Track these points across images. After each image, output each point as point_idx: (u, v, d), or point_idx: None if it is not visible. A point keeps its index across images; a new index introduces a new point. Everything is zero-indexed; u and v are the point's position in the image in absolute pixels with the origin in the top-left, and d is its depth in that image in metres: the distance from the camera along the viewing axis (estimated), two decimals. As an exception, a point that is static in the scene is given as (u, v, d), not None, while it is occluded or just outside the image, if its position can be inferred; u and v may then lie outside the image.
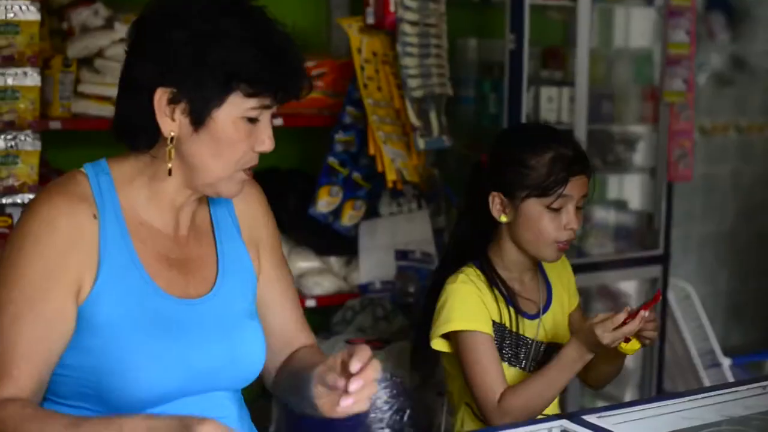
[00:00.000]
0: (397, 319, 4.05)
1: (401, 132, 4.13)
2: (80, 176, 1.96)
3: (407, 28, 4.05)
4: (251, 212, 2.17)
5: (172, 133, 1.91)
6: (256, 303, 2.12)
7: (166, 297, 1.95)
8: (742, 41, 6.56)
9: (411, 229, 4.28)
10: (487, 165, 2.74)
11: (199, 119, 1.90)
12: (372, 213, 4.29)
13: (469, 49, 4.88)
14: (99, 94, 3.80)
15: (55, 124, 3.70)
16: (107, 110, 3.78)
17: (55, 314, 1.85)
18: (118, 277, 1.91)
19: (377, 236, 4.28)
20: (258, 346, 2.06)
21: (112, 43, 3.78)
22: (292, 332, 2.21)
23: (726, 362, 5.44)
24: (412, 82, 4.04)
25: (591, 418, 2.27)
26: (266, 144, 1.96)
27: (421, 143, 4.08)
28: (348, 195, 4.23)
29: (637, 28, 5.38)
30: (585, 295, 5.03)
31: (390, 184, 4.08)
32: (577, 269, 4.78)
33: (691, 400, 2.42)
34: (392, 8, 4.04)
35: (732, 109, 6.63)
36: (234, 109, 1.90)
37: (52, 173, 3.79)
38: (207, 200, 2.10)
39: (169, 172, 1.93)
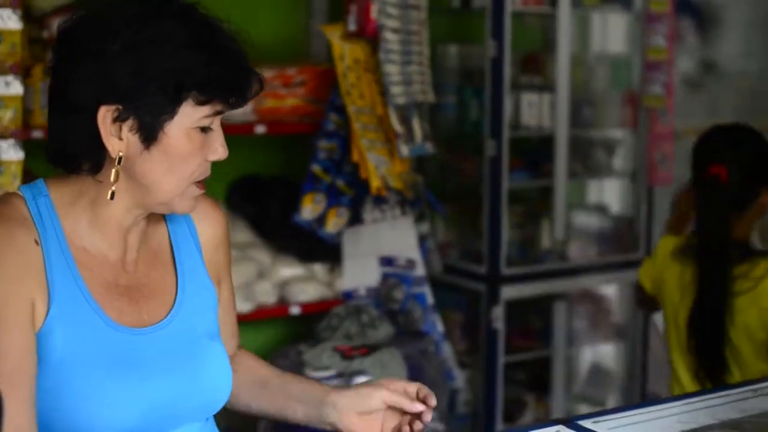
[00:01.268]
0: (383, 326, 4.04)
1: (384, 139, 4.12)
2: (16, 199, 1.79)
3: (389, 35, 4.05)
4: (214, 236, 2.00)
5: (121, 153, 1.74)
6: (217, 323, 1.97)
7: (119, 328, 1.80)
8: (711, 45, 6.59)
9: (395, 236, 4.28)
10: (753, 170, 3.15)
11: (150, 135, 1.73)
12: (355, 220, 4.29)
13: (449, 55, 4.89)
14: (80, 103, 3.77)
15: (37, 133, 3.67)
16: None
17: (23, 342, 1.70)
18: (68, 310, 1.75)
19: (361, 243, 4.28)
20: (223, 369, 1.92)
21: (94, 51, 3.75)
22: (225, 338, 2.02)
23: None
24: (395, 90, 4.04)
25: (587, 423, 2.25)
26: (219, 152, 1.80)
27: (404, 150, 4.08)
28: (332, 202, 4.23)
29: (614, 34, 5.40)
30: (567, 299, 5.04)
31: (374, 191, 4.08)
32: (559, 273, 4.85)
33: (685, 404, 2.41)
34: (374, 15, 4.04)
35: (703, 113, 6.65)
36: (186, 119, 1.74)
37: (33, 183, 3.77)
38: (164, 218, 1.94)
39: (111, 196, 1.77)
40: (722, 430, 2.32)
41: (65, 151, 1.77)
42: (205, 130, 1.77)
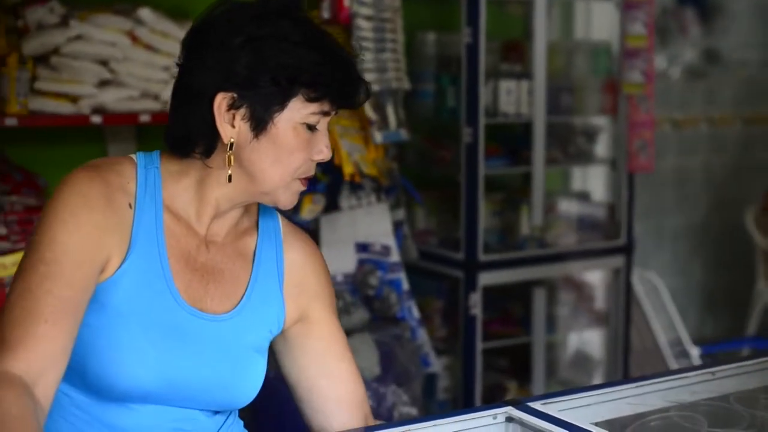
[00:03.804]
0: (358, 312, 4.06)
1: (359, 126, 4.14)
2: (128, 164, 1.95)
3: (362, 22, 4.07)
4: (303, 264, 2.09)
5: (232, 140, 1.88)
6: (268, 341, 2.06)
7: (181, 303, 1.92)
8: (714, 35, 6.60)
9: (371, 222, 4.30)
10: None
11: (260, 124, 1.87)
12: (332, 206, 4.30)
13: (427, 43, 4.91)
14: (56, 91, 3.80)
15: (11, 121, 3.69)
16: (64, 107, 3.79)
17: (84, 283, 1.83)
18: (142, 268, 1.90)
19: (338, 229, 4.29)
20: (255, 382, 2.01)
21: (68, 40, 3.78)
22: (362, 398, 2.13)
23: (695, 351, 5.47)
24: (368, 77, 4.05)
25: (536, 405, 2.25)
26: (324, 153, 1.93)
27: (377, 136, 4.10)
28: (307, 189, 4.23)
29: (596, 21, 5.41)
30: (549, 285, 5.06)
31: (347, 177, 4.10)
32: (541, 260, 4.87)
33: (636, 386, 2.40)
34: (347, 3, 4.05)
35: (704, 102, 6.67)
36: (295, 114, 1.88)
37: (13, 171, 3.80)
38: (257, 229, 2.06)
39: (229, 179, 1.91)
40: (676, 412, 2.33)
41: (184, 135, 1.92)
42: (311, 128, 1.90)
